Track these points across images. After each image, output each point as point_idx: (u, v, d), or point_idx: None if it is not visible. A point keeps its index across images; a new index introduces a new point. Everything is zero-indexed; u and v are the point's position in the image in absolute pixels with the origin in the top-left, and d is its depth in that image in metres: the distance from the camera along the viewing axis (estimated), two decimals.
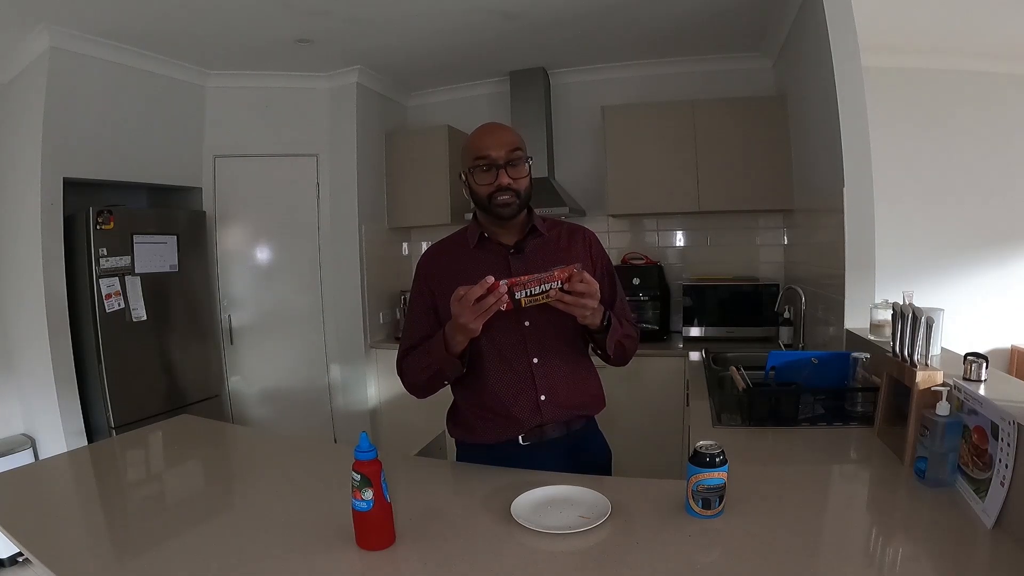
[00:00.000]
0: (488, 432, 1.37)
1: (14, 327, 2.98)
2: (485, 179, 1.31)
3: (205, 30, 2.85)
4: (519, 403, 1.33)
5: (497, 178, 1.29)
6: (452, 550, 1.00)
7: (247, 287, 3.65)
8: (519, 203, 1.32)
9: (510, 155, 1.30)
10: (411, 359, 1.38)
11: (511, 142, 1.31)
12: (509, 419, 1.34)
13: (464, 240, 1.43)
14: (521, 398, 1.33)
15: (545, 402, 1.34)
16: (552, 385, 1.35)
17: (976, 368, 1.22)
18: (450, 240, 1.48)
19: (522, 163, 1.32)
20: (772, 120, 3.14)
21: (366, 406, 3.65)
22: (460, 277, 1.28)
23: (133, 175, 3.09)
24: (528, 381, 1.34)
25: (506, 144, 1.30)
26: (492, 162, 1.29)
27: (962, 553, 0.93)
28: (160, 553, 1.03)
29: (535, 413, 1.34)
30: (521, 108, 3.63)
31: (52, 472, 1.56)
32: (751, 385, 1.66)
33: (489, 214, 1.34)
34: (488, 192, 1.31)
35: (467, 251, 1.40)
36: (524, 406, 1.33)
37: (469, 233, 1.42)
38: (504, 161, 1.29)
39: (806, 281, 2.82)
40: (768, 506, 1.09)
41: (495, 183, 1.30)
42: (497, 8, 2.75)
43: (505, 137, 1.31)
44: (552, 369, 1.35)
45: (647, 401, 3.06)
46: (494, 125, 1.36)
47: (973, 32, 2.80)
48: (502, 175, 1.29)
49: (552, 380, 1.35)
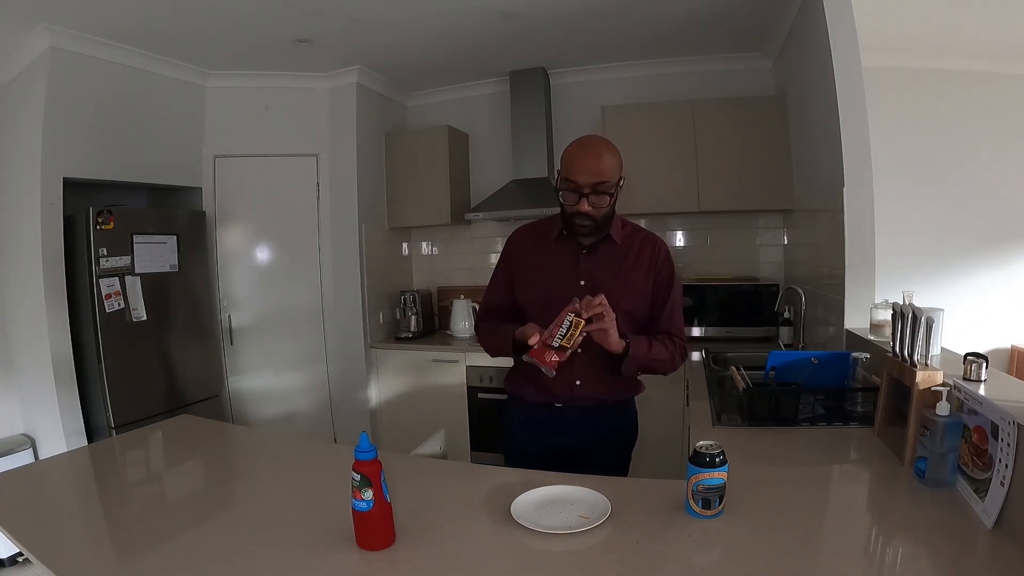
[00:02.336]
0: (530, 395, 1.55)
1: (14, 327, 2.97)
2: (569, 199, 1.40)
3: (205, 30, 2.85)
4: (558, 382, 1.46)
5: (578, 203, 1.38)
6: (452, 550, 1.00)
7: (247, 287, 3.65)
8: (595, 226, 1.43)
9: (596, 186, 1.37)
10: (485, 328, 1.60)
11: (599, 172, 1.37)
12: (549, 392, 1.51)
13: (550, 229, 1.54)
14: (560, 379, 1.43)
15: (580, 386, 1.50)
16: (588, 374, 1.48)
17: (976, 368, 1.22)
18: (538, 225, 1.61)
19: (606, 194, 1.38)
20: (772, 120, 3.14)
21: (366, 406, 3.65)
22: (535, 264, 1.54)
23: (133, 175, 3.09)
24: (569, 367, 1.41)
25: (595, 174, 1.36)
26: (577, 188, 1.37)
27: (962, 553, 0.93)
28: (160, 553, 1.03)
29: (569, 391, 1.50)
30: (521, 108, 3.64)
31: (52, 472, 1.56)
32: (751, 385, 1.67)
33: (569, 228, 1.47)
34: (570, 212, 1.42)
35: (548, 241, 1.53)
36: (561, 385, 1.49)
37: (554, 225, 1.53)
38: (589, 191, 1.37)
39: (806, 281, 2.82)
40: (768, 506, 1.09)
41: (575, 207, 1.39)
42: (497, 8, 2.75)
43: (596, 166, 1.37)
44: (592, 360, 1.45)
45: (647, 401, 3.05)
46: (591, 149, 1.41)
47: (973, 32, 2.80)
48: (583, 203, 1.38)
49: (589, 370, 1.48)
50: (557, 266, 1.50)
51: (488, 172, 3.84)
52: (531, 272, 1.55)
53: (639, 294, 1.51)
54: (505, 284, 1.59)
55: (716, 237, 3.59)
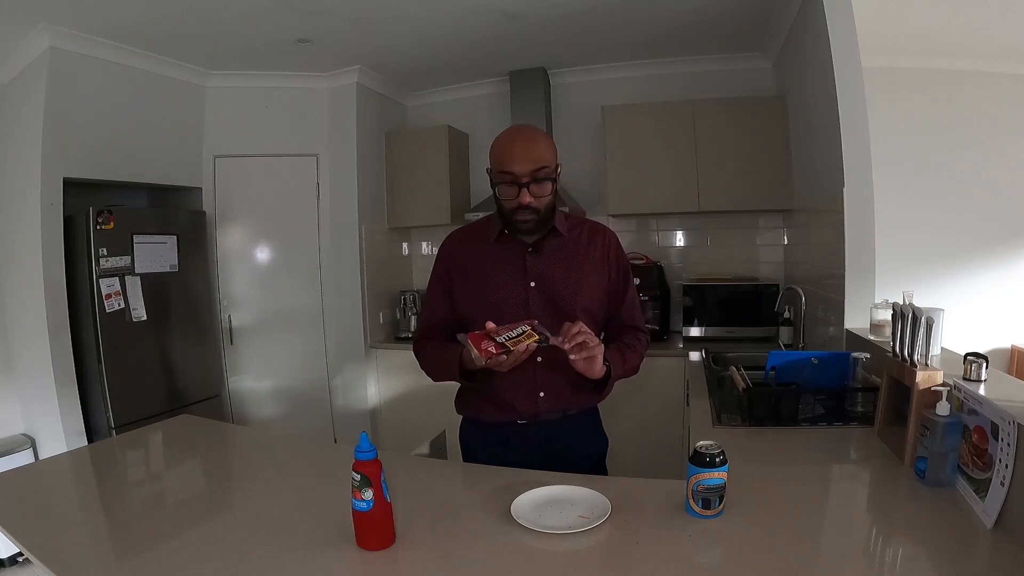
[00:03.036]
0: (489, 414, 1.43)
1: (14, 327, 2.97)
2: (507, 193, 1.28)
3: (205, 30, 2.85)
4: (519, 396, 1.38)
5: (519, 195, 1.27)
6: (452, 550, 1.00)
7: (247, 287, 3.65)
8: (539, 220, 1.31)
9: (535, 173, 1.26)
10: (428, 353, 1.45)
11: (537, 158, 1.26)
12: (510, 409, 1.39)
13: (486, 232, 1.42)
14: (521, 393, 1.37)
15: (544, 398, 1.38)
16: (552, 383, 1.38)
17: (976, 368, 1.22)
18: (473, 229, 1.48)
19: (547, 180, 1.28)
20: (772, 120, 3.14)
21: (366, 406, 3.65)
22: (477, 271, 1.36)
23: (133, 175, 3.09)
24: (530, 378, 1.36)
25: (532, 160, 1.26)
26: (515, 179, 1.26)
27: (962, 553, 0.93)
28: (160, 553, 1.02)
29: (533, 406, 1.38)
30: (521, 108, 3.63)
31: (52, 472, 1.56)
32: (751, 385, 1.66)
33: (509, 225, 1.34)
34: (511, 207, 1.29)
35: (487, 244, 1.40)
36: (524, 400, 1.38)
37: (491, 226, 1.41)
38: (528, 179, 1.26)
39: (806, 281, 2.82)
40: (768, 506, 1.09)
41: (516, 199, 1.27)
42: (497, 8, 2.75)
43: (532, 152, 1.26)
44: (554, 368, 1.35)
45: (647, 401, 3.06)
46: (522, 136, 1.31)
47: (973, 32, 2.80)
48: (524, 194, 1.27)
49: (553, 379, 1.37)
50: (502, 270, 1.36)
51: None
52: (473, 280, 1.40)
53: (594, 288, 1.40)
54: (445, 299, 1.44)
55: (716, 237, 3.59)
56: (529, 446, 1.40)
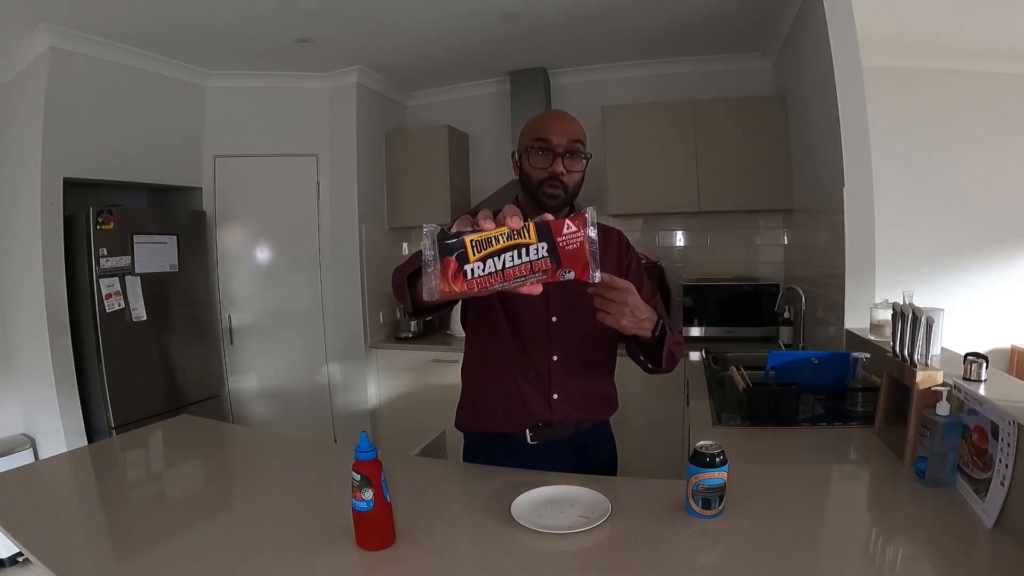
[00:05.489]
0: (499, 419, 1.36)
1: (14, 327, 2.97)
2: (540, 162, 1.26)
3: (205, 30, 2.84)
4: (533, 396, 1.34)
5: (552, 164, 1.25)
6: (452, 550, 1.00)
7: (247, 287, 3.65)
8: (565, 198, 1.28)
9: (571, 145, 1.25)
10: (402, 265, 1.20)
11: (575, 132, 1.26)
12: (524, 410, 1.35)
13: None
14: (535, 392, 1.34)
15: (557, 401, 1.35)
16: (566, 385, 1.35)
17: (976, 368, 1.22)
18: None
19: (580, 157, 1.27)
20: (772, 120, 3.14)
21: (366, 406, 3.65)
22: None
23: (133, 175, 3.09)
24: (544, 377, 1.34)
25: (570, 133, 1.25)
26: (551, 147, 1.25)
27: (962, 553, 0.93)
28: (160, 553, 1.02)
29: (546, 409, 1.35)
30: (521, 108, 3.63)
31: (52, 472, 1.56)
32: (751, 385, 1.66)
33: (534, 201, 1.30)
34: (540, 178, 1.26)
35: None
36: (537, 400, 1.34)
37: None
38: (563, 150, 1.24)
39: (806, 281, 2.82)
40: (768, 506, 1.09)
41: (549, 169, 1.25)
42: (497, 8, 2.75)
43: (570, 126, 1.27)
44: (570, 369, 1.34)
45: (647, 401, 3.06)
46: (561, 112, 1.32)
47: (973, 32, 2.80)
48: (558, 163, 1.24)
49: (567, 381, 1.35)
50: None
51: (488, 172, 3.84)
52: None
53: None
54: None
55: (716, 237, 3.59)
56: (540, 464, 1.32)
